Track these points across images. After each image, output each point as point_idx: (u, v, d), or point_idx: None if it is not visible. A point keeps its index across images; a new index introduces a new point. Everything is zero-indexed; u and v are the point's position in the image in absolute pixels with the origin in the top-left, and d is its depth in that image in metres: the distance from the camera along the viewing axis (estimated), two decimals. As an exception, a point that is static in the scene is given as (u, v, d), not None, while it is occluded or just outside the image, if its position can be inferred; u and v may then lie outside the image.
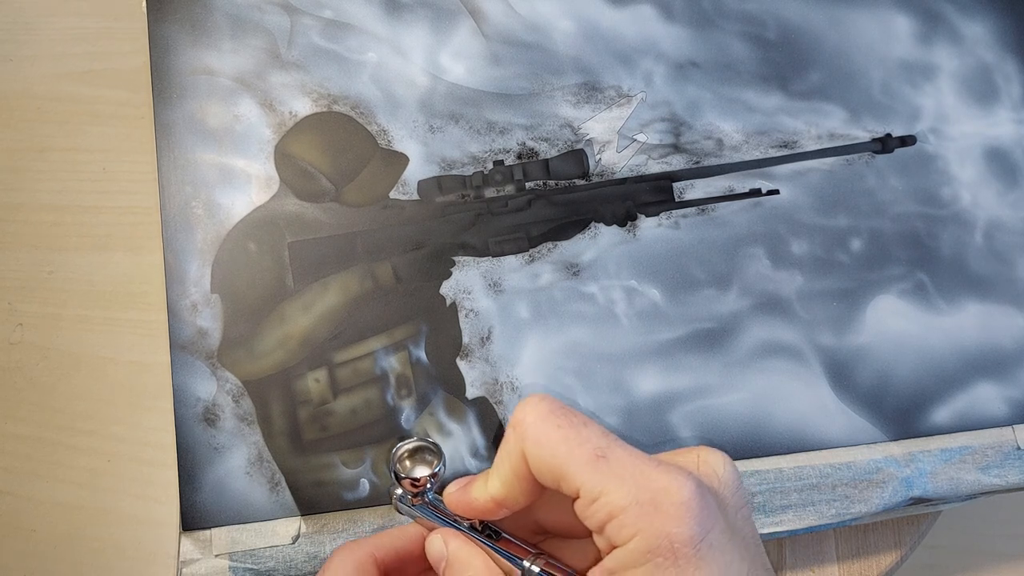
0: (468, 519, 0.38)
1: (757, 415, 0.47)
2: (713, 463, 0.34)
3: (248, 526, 0.44)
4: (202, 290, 0.46)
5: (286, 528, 0.44)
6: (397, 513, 0.42)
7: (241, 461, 0.45)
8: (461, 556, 0.37)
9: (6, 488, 0.49)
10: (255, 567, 0.43)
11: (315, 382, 0.46)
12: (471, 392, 0.46)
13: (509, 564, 0.36)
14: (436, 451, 0.40)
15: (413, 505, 0.40)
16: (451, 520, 0.38)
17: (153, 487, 0.49)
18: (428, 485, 0.40)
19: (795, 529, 0.46)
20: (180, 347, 0.46)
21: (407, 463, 0.40)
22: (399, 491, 0.40)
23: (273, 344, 0.46)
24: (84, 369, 0.50)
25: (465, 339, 0.47)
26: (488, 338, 0.47)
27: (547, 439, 0.33)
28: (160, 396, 0.49)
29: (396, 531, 0.40)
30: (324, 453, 0.45)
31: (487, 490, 0.36)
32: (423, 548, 0.39)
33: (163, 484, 0.49)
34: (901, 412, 0.47)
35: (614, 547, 0.32)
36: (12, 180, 0.53)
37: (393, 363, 0.46)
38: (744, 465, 0.46)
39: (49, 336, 0.51)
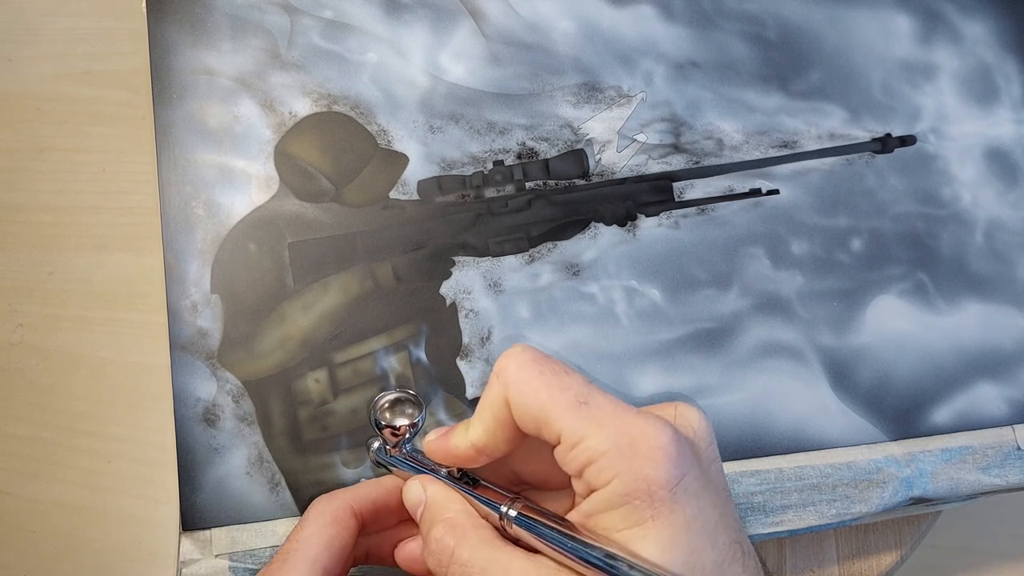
0: (447, 467, 0.38)
1: (757, 415, 0.47)
2: (689, 416, 0.35)
3: (248, 526, 0.44)
4: (202, 290, 0.46)
5: (286, 528, 0.44)
6: (375, 466, 0.42)
7: (241, 461, 0.45)
8: (439, 500, 0.37)
9: (6, 488, 0.49)
10: (255, 567, 0.43)
11: (315, 382, 0.46)
12: (471, 392, 0.46)
13: (488, 509, 0.36)
14: (417, 403, 0.41)
15: (391, 456, 0.40)
16: (429, 469, 0.38)
17: (153, 487, 0.49)
18: (408, 435, 0.40)
19: (795, 529, 0.46)
20: (180, 347, 0.46)
21: (387, 413, 0.40)
22: (376, 444, 0.40)
23: (273, 344, 0.46)
24: (84, 370, 0.50)
25: (465, 339, 0.47)
26: (488, 338, 0.47)
27: (530, 386, 0.34)
28: (160, 397, 0.49)
29: (373, 482, 0.40)
30: (324, 453, 0.45)
31: (468, 437, 0.36)
32: (400, 499, 0.39)
33: (163, 484, 0.49)
34: (901, 412, 0.47)
35: (593, 491, 0.33)
36: (11, 180, 0.53)
37: (393, 363, 0.46)
38: (744, 465, 0.46)
39: (49, 337, 0.51)
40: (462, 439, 0.37)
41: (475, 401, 0.46)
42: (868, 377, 0.47)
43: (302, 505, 0.44)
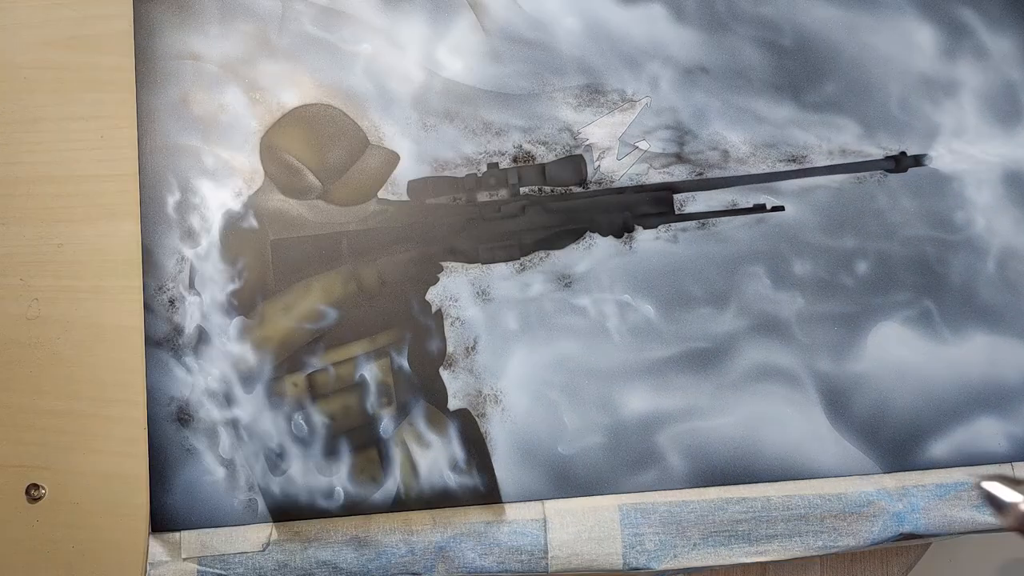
0: None
1: (748, 440, 0.45)
2: None
3: (218, 530, 0.43)
4: (180, 286, 0.45)
5: (257, 535, 0.43)
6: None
7: (213, 464, 0.44)
8: None
9: (43, 463, 0.48)
10: (224, 573, 0.43)
11: (292, 386, 0.44)
12: (453, 403, 0.45)
13: None
14: None
15: None
16: None
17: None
18: None
19: (779, 560, 0.44)
20: (155, 344, 0.44)
21: None
22: None
23: (251, 346, 0.45)
24: (108, 339, 0.49)
25: (450, 348, 0.45)
26: (473, 348, 0.45)
27: None
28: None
29: None
30: (299, 460, 0.44)
31: None
32: None
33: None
34: (897, 443, 0.46)
35: None
36: (6, 154, 0.51)
37: (375, 370, 0.45)
38: (731, 492, 0.45)
39: (67, 309, 0.49)
40: None
41: (457, 413, 0.45)
42: (865, 406, 0.46)
43: (274, 511, 0.43)
